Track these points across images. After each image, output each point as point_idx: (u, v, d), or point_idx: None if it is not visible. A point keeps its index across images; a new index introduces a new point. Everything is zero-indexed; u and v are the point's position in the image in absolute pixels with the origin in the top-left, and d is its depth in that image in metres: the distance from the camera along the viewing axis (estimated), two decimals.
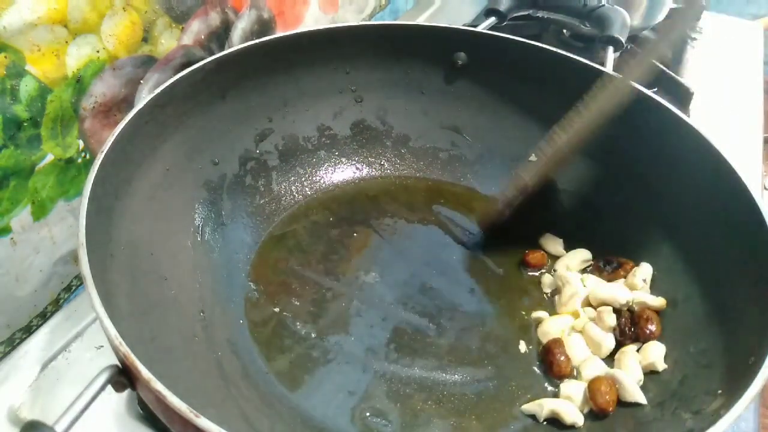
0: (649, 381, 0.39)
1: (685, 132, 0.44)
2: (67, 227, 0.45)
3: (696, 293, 0.41)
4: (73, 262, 0.47)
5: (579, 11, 0.67)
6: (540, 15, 0.70)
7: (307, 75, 0.52)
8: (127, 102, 0.46)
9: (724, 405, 0.30)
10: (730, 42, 0.84)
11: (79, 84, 0.42)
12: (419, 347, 0.43)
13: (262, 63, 0.48)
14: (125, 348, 0.27)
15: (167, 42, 0.48)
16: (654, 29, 0.78)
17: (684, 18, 0.46)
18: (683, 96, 0.64)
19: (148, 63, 0.47)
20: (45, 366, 0.43)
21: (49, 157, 0.42)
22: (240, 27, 0.55)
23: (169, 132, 0.43)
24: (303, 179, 0.54)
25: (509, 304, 0.46)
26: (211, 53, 0.50)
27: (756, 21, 0.92)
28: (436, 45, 0.53)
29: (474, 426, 0.39)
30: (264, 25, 0.58)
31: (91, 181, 0.35)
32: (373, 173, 0.56)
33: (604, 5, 0.65)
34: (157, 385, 0.26)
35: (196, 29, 0.50)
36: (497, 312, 0.46)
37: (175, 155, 0.44)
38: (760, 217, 0.37)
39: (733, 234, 0.39)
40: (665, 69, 0.67)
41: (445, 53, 0.54)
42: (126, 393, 0.31)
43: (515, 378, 0.41)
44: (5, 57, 0.37)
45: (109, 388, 0.29)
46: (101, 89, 0.44)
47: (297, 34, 0.49)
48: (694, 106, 0.65)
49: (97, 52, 0.42)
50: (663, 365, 0.39)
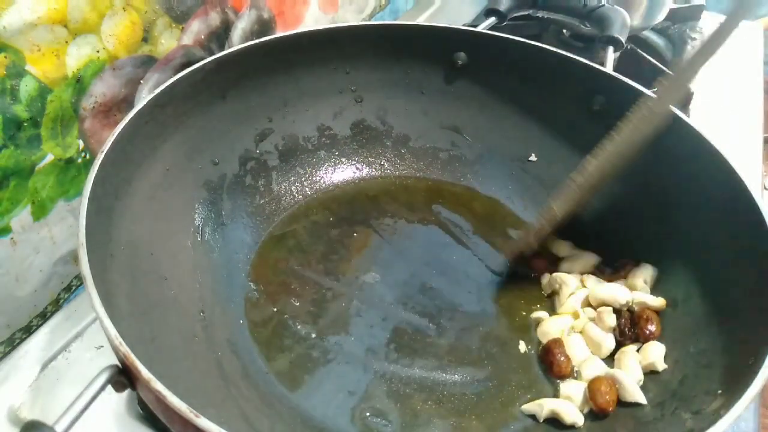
0: (649, 381, 0.39)
1: (685, 132, 0.44)
2: (67, 227, 0.45)
3: (696, 293, 0.41)
4: (73, 262, 0.47)
5: (579, 11, 0.67)
6: (540, 15, 0.70)
7: (307, 75, 0.52)
8: (127, 102, 0.46)
9: (724, 405, 0.30)
10: (730, 42, 0.84)
11: (79, 84, 0.42)
12: (419, 347, 0.43)
13: (262, 63, 0.48)
14: (125, 348, 0.27)
15: (167, 42, 0.48)
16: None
17: (722, 35, 0.42)
18: (683, 96, 0.64)
19: (148, 63, 0.47)
20: (45, 366, 0.43)
21: (49, 157, 0.42)
22: (240, 27, 0.55)
23: (169, 132, 0.43)
24: (303, 179, 0.54)
25: (509, 304, 0.46)
26: (211, 53, 0.50)
27: (756, 21, 0.92)
28: (436, 45, 0.53)
29: (474, 426, 0.39)
30: (264, 25, 0.58)
31: (91, 181, 0.35)
32: (373, 173, 0.56)
33: (604, 5, 0.65)
34: (157, 385, 0.26)
35: (196, 29, 0.50)
36: (497, 312, 0.46)
37: (175, 155, 0.44)
38: (760, 217, 0.37)
39: (733, 234, 0.40)
40: (665, 69, 0.67)
41: (445, 53, 0.54)
42: (126, 393, 0.31)
43: (515, 378, 0.41)
44: (5, 57, 0.37)
45: (109, 388, 0.29)
46: (101, 89, 0.44)
47: (297, 34, 0.49)
48: (694, 106, 0.65)
49: (97, 52, 0.42)
50: (663, 365, 0.39)
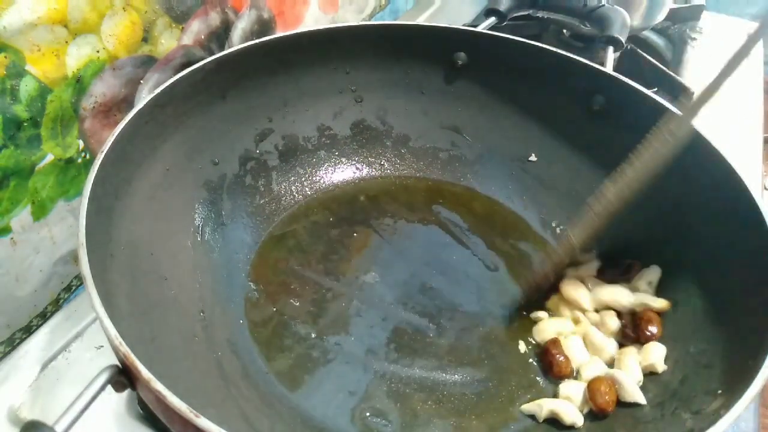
0: (649, 381, 0.39)
1: None
2: (67, 227, 0.45)
3: (696, 293, 0.41)
4: (73, 262, 0.47)
5: (579, 11, 0.67)
6: (540, 15, 0.70)
7: (307, 75, 0.52)
8: (127, 102, 0.46)
9: (724, 405, 0.30)
10: (730, 42, 0.84)
11: (79, 84, 0.42)
12: (419, 347, 0.43)
13: (262, 63, 0.48)
14: (125, 348, 0.27)
15: (167, 42, 0.48)
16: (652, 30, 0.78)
17: (746, 48, 0.39)
18: (683, 96, 0.64)
19: (148, 63, 0.47)
20: (45, 366, 0.43)
21: (49, 157, 0.42)
22: (240, 27, 0.55)
23: (169, 132, 0.43)
24: (303, 179, 0.54)
25: (509, 304, 0.46)
26: (211, 53, 0.50)
27: (756, 21, 0.92)
28: (436, 45, 0.53)
29: (474, 426, 0.39)
30: (264, 25, 0.58)
31: (91, 181, 0.35)
32: (373, 173, 0.56)
33: (604, 5, 0.65)
34: (157, 385, 0.26)
35: (196, 29, 0.50)
36: (497, 312, 0.46)
37: (175, 155, 0.44)
38: (760, 217, 0.37)
39: (733, 234, 0.39)
40: (665, 69, 0.67)
41: (445, 53, 0.54)
42: (126, 393, 0.31)
43: (515, 378, 0.41)
44: (5, 57, 0.37)
45: (109, 388, 0.29)
46: (101, 89, 0.44)
47: (297, 34, 0.49)
48: None
49: (97, 52, 0.42)
50: (663, 366, 0.39)
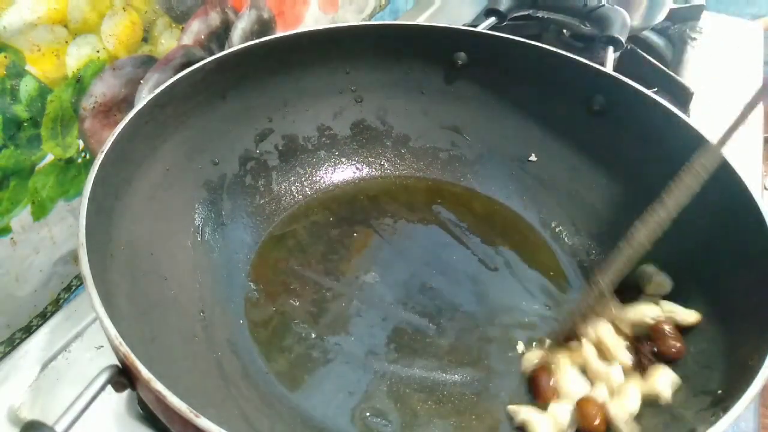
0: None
1: (685, 132, 0.44)
2: (67, 227, 0.45)
3: (696, 293, 0.41)
4: (73, 262, 0.47)
5: (579, 11, 0.67)
6: (540, 15, 0.70)
7: (307, 75, 0.52)
8: (127, 102, 0.46)
9: (724, 405, 0.30)
10: (730, 42, 0.84)
11: (79, 84, 0.42)
12: (419, 347, 0.43)
13: (262, 63, 0.48)
14: (125, 348, 0.27)
15: (167, 42, 0.48)
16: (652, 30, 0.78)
17: None
18: (683, 96, 0.64)
19: (148, 63, 0.47)
20: (45, 366, 0.43)
21: (49, 157, 0.42)
22: (240, 27, 0.55)
23: (169, 132, 0.43)
24: (303, 179, 0.54)
25: (509, 304, 0.46)
26: (211, 53, 0.50)
27: (756, 21, 0.92)
28: (436, 45, 0.53)
29: (474, 426, 0.39)
30: (264, 25, 0.58)
31: (91, 181, 0.35)
32: (373, 173, 0.56)
33: (604, 5, 0.65)
34: (157, 385, 0.26)
35: (196, 29, 0.50)
36: (497, 312, 0.46)
37: (175, 155, 0.44)
38: (760, 217, 0.37)
39: (733, 234, 0.39)
40: (665, 69, 0.67)
41: (445, 53, 0.54)
42: (126, 393, 0.31)
43: (515, 378, 0.41)
44: (5, 57, 0.37)
45: (109, 388, 0.29)
46: (101, 89, 0.44)
47: (297, 34, 0.49)
48: (694, 106, 0.65)
49: (97, 52, 0.42)
50: (668, 396, 0.36)
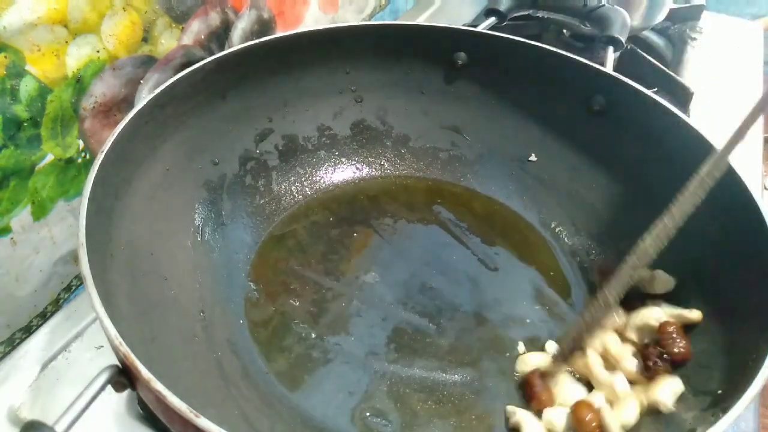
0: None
1: (685, 132, 0.44)
2: (67, 227, 0.45)
3: (696, 293, 0.41)
4: (73, 262, 0.47)
5: (579, 11, 0.67)
6: (540, 15, 0.70)
7: (307, 75, 0.52)
8: (127, 102, 0.46)
9: (724, 405, 0.30)
10: (730, 42, 0.84)
11: (79, 84, 0.42)
12: (419, 347, 0.43)
13: (262, 63, 0.48)
14: (125, 348, 0.27)
15: (167, 42, 0.48)
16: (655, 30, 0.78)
17: None
18: (683, 96, 0.64)
19: (148, 63, 0.47)
20: (45, 366, 0.43)
21: (49, 157, 0.42)
22: (240, 27, 0.55)
23: (169, 132, 0.43)
24: (303, 179, 0.54)
25: (509, 304, 0.46)
26: (211, 53, 0.50)
27: (756, 21, 0.92)
28: (436, 45, 0.53)
29: (474, 426, 0.39)
30: (264, 25, 0.58)
31: (91, 181, 0.35)
32: (373, 173, 0.56)
33: (604, 5, 0.65)
34: (157, 385, 0.26)
35: (196, 29, 0.50)
36: (497, 312, 0.46)
37: (175, 155, 0.44)
38: (760, 217, 0.37)
39: (733, 234, 0.40)
40: (665, 69, 0.67)
41: (445, 53, 0.54)
42: (126, 393, 0.31)
43: (515, 379, 0.41)
44: (5, 57, 0.37)
45: (109, 388, 0.29)
46: (101, 89, 0.44)
47: (297, 34, 0.49)
48: (694, 106, 0.65)
49: (97, 52, 0.42)
50: (670, 407, 0.35)
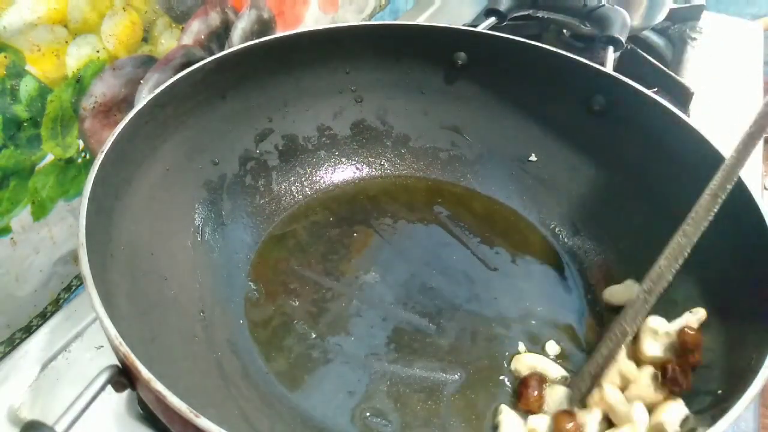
0: None
1: (686, 132, 0.44)
2: (67, 227, 0.45)
3: (696, 293, 0.41)
4: (73, 262, 0.47)
5: (579, 11, 0.67)
6: (540, 15, 0.70)
7: (307, 75, 0.52)
8: (127, 102, 0.46)
9: (724, 405, 0.30)
10: (730, 42, 0.84)
11: (79, 84, 0.42)
12: (419, 347, 0.43)
13: (262, 63, 0.48)
14: (125, 348, 0.27)
15: (167, 42, 0.48)
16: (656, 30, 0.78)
17: None
18: (683, 96, 0.64)
19: (148, 63, 0.47)
20: (45, 366, 0.43)
21: (49, 157, 0.42)
22: (240, 27, 0.55)
23: (169, 132, 0.43)
24: (303, 179, 0.54)
25: (509, 304, 0.46)
26: (211, 53, 0.50)
27: (756, 21, 0.92)
28: (436, 45, 0.53)
29: (474, 426, 0.39)
30: (264, 25, 0.58)
31: (91, 181, 0.35)
32: (373, 173, 0.56)
33: (604, 5, 0.65)
34: (157, 385, 0.26)
35: (196, 29, 0.50)
36: (497, 312, 0.46)
37: (175, 155, 0.44)
38: (760, 217, 0.37)
39: (733, 234, 0.39)
40: (665, 69, 0.67)
41: (445, 53, 0.53)
42: (126, 393, 0.31)
43: (514, 379, 0.41)
44: (5, 57, 0.37)
45: (109, 388, 0.29)
46: (101, 89, 0.44)
47: (297, 34, 0.49)
48: (694, 106, 0.65)
49: (97, 52, 0.42)
50: (677, 429, 0.33)
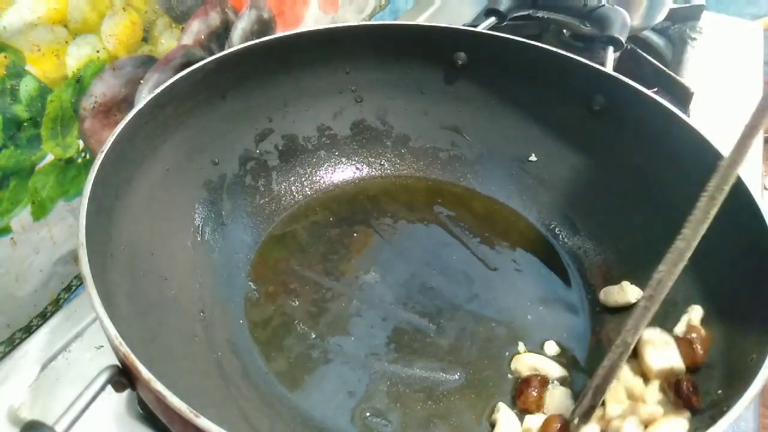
0: None
1: (686, 132, 0.44)
2: (67, 227, 0.45)
3: (696, 293, 0.41)
4: (73, 262, 0.47)
5: (579, 11, 0.67)
6: (540, 15, 0.70)
7: (307, 75, 0.52)
8: (127, 102, 0.46)
9: (724, 405, 0.30)
10: (730, 42, 0.84)
11: (79, 84, 0.42)
12: (419, 347, 0.43)
13: (262, 63, 0.48)
14: (125, 348, 0.27)
15: (167, 42, 0.48)
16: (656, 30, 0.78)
17: None
18: (683, 96, 0.64)
19: (148, 63, 0.47)
20: (45, 366, 0.43)
21: (49, 157, 0.42)
22: (240, 27, 0.55)
23: (169, 132, 0.43)
24: (303, 179, 0.54)
25: (509, 304, 0.46)
26: (211, 53, 0.50)
27: (756, 21, 0.92)
28: (436, 45, 0.53)
29: (474, 426, 0.39)
30: (264, 25, 0.58)
31: (91, 181, 0.35)
32: (373, 173, 0.56)
33: (604, 5, 0.65)
34: (157, 385, 0.26)
35: (196, 29, 0.50)
36: (497, 312, 0.46)
37: (175, 155, 0.44)
38: (760, 217, 0.37)
39: (733, 234, 0.39)
40: (665, 69, 0.67)
41: (445, 53, 0.53)
42: (126, 393, 0.31)
43: (514, 379, 0.41)
44: (5, 57, 0.37)
45: (109, 388, 0.29)
46: (101, 89, 0.44)
47: (297, 34, 0.49)
48: (694, 106, 0.65)
49: (97, 52, 0.42)
50: None
